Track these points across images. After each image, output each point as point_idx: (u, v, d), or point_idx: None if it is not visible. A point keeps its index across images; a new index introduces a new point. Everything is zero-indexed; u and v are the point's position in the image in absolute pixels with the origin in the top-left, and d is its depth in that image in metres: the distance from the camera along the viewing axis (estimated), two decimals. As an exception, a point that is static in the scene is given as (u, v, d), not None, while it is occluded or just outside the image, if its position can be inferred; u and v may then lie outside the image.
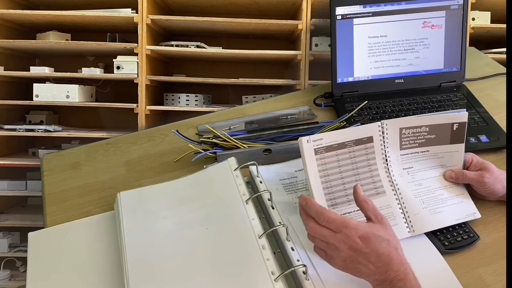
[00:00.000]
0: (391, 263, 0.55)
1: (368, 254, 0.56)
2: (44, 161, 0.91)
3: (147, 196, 0.74)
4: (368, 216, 0.59)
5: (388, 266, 0.55)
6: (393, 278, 0.55)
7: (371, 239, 0.56)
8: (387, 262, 0.55)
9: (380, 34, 1.02)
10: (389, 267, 0.55)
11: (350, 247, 0.56)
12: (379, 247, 0.56)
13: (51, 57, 1.63)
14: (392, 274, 0.55)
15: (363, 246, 0.56)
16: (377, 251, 0.56)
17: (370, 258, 0.56)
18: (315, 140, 0.67)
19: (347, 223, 0.57)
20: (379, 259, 0.55)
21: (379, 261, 0.55)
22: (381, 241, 0.56)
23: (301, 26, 1.32)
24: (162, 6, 1.48)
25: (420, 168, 0.74)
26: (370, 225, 0.58)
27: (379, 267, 0.55)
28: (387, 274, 0.55)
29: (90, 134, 1.34)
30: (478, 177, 0.72)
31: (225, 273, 0.59)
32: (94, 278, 0.67)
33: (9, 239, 1.39)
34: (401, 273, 0.55)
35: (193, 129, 0.99)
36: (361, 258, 0.56)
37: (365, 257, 0.56)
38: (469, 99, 1.00)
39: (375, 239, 0.56)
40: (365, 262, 0.56)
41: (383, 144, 0.71)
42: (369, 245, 0.56)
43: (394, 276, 0.55)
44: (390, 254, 0.56)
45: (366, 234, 0.56)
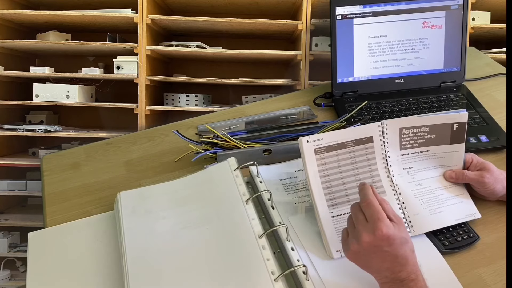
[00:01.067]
0: (407, 264, 0.55)
1: (387, 254, 0.56)
2: (44, 161, 0.91)
3: (147, 196, 0.74)
4: (389, 217, 0.58)
5: (402, 266, 0.55)
6: (405, 278, 0.55)
7: (396, 240, 0.55)
8: (403, 263, 0.56)
9: (380, 34, 1.02)
10: (403, 267, 0.55)
11: (373, 240, 0.56)
12: (399, 249, 0.55)
13: (51, 57, 1.63)
14: (405, 275, 0.55)
15: (385, 245, 0.55)
16: (397, 253, 0.55)
17: (388, 257, 0.56)
18: (315, 140, 0.67)
19: (382, 216, 0.56)
20: (396, 260, 0.55)
21: (395, 261, 0.56)
22: (403, 243, 0.56)
23: (301, 26, 1.32)
24: (162, 6, 1.48)
25: (420, 168, 0.74)
26: (396, 226, 0.57)
27: (393, 266, 0.56)
28: (400, 274, 0.55)
29: (90, 134, 1.34)
30: (478, 177, 0.72)
31: (225, 273, 0.59)
32: (94, 278, 0.67)
33: (9, 239, 1.39)
34: (413, 274, 0.55)
35: (193, 129, 0.99)
36: (378, 255, 0.56)
37: (382, 255, 0.56)
38: (469, 99, 1.00)
39: (398, 241, 0.56)
40: (380, 259, 0.56)
41: (383, 144, 0.71)
42: (392, 245, 0.55)
43: (407, 276, 0.55)
44: (407, 256, 0.56)
45: (393, 235, 0.55)
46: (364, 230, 0.56)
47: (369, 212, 0.57)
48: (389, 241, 0.55)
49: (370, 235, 0.56)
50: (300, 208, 0.74)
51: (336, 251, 0.65)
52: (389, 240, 0.55)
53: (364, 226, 0.57)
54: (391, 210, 0.59)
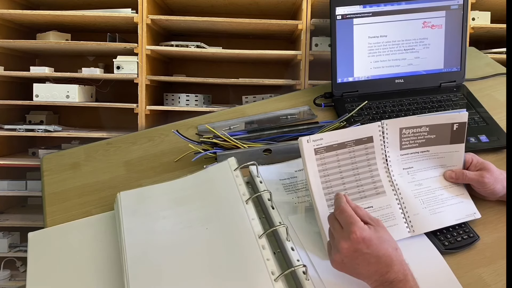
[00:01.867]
0: (392, 264, 0.55)
1: (368, 255, 0.55)
2: (44, 161, 0.91)
3: (147, 196, 0.74)
4: (365, 221, 0.59)
5: (388, 267, 0.55)
6: (394, 279, 0.55)
7: (373, 240, 0.56)
8: (388, 263, 0.55)
9: (380, 34, 1.02)
10: (389, 268, 0.55)
11: (350, 245, 0.56)
12: (380, 249, 0.56)
13: (51, 57, 1.63)
14: (393, 275, 0.55)
15: (364, 247, 0.55)
16: (378, 253, 0.55)
17: (371, 259, 0.56)
18: (315, 140, 0.67)
19: (354, 220, 0.57)
20: (380, 260, 0.55)
21: (379, 262, 0.55)
22: (382, 242, 0.56)
23: (301, 26, 1.32)
24: (162, 6, 1.48)
25: (420, 168, 0.74)
26: (371, 228, 0.57)
27: (380, 268, 0.55)
28: (388, 275, 0.55)
29: (90, 134, 1.34)
30: (478, 177, 0.72)
31: (225, 273, 0.59)
32: (94, 278, 0.67)
33: (9, 239, 1.39)
34: (401, 274, 0.55)
35: (193, 129, 0.99)
36: (361, 259, 0.56)
37: (365, 258, 0.56)
38: (469, 99, 1.00)
39: (376, 240, 0.56)
40: (364, 263, 0.56)
41: (383, 144, 0.71)
42: (371, 246, 0.55)
43: (395, 277, 0.55)
44: (390, 255, 0.56)
45: (369, 236, 0.56)
46: (341, 237, 0.57)
47: (343, 218, 0.58)
48: (366, 243, 0.55)
49: (347, 240, 0.56)
50: (300, 208, 0.74)
51: (336, 251, 0.65)
52: (366, 242, 0.55)
53: (340, 233, 0.57)
54: (366, 214, 0.60)
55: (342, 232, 0.57)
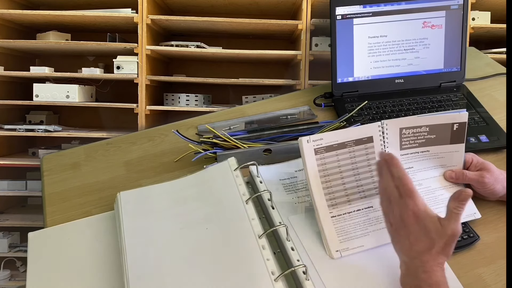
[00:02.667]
0: (424, 253, 0.55)
1: (411, 231, 0.56)
2: (44, 161, 0.91)
3: (147, 196, 0.74)
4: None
5: (419, 253, 0.55)
6: (419, 266, 0.55)
7: (423, 221, 0.55)
8: (422, 250, 0.55)
9: (380, 34, 1.02)
10: (419, 255, 0.55)
11: (401, 215, 0.57)
12: (424, 230, 0.55)
13: (51, 57, 1.63)
14: (418, 263, 0.55)
15: (412, 223, 0.56)
16: (419, 235, 0.55)
17: (411, 236, 0.56)
18: (315, 140, 0.67)
19: (414, 194, 0.57)
20: (417, 243, 0.55)
21: (416, 244, 0.56)
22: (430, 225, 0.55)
23: (301, 26, 1.32)
24: (162, 6, 1.48)
25: (420, 168, 0.74)
26: (428, 211, 0.56)
27: (412, 250, 0.56)
28: (414, 261, 0.55)
29: (90, 134, 1.34)
30: (478, 177, 0.72)
31: (225, 273, 0.59)
32: (94, 278, 0.67)
33: (9, 239, 1.39)
34: (428, 266, 0.55)
35: (193, 129, 0.99)
36: (404, 231, 0.56)
37: (407, 232, 0.56)
38: (469, 99, 1.00)
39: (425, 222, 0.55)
40: (405, 236, 0.56)
41: (383, 144, 0.71)
42: (418, 225, 0.55)
43: (420, 265, 0.55)
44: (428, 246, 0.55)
45: (419, 214, 0.56)
46: (396, 204, 0.59)
47: (402, 188, 0.58)
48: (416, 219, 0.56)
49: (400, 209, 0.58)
50: (300, 208, 0.74)
51: (336, 251, 0.65)
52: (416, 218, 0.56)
53: (397, 201, 0.59)
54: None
55: (398, 200, 0.58)
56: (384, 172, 0.62)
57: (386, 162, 0.61)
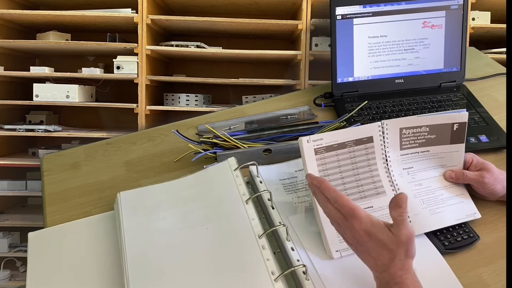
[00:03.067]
0: (389, 265, 0.54)
1: (369, 248, 0.56)
2: (44, 161, 0.91)
3: (147, 196, 0.74)
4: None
5: (384, 267, 0.55)
6: (388, 280, 0.54)
7: (375, 236, 0.55)
8: (386, 263, 0.55)
9: (380, 34, 1.02)
10: (385, 268, 0.55)
11: (353, 236, 0.57)
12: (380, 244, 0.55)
13: (51, 57, 1.63)
14: (387, 276, 0.54)
15: (366, 240, 0.56)
16: (378, 250, 0.55)
17: (371, 252, 0.56)
18: (315, 140, 0.67)
19: (356, 213, 0.56)
20: (379, 258, 0.55)
21: (379, 259, 0.55)
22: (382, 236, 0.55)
23: (301, 26, 1.32)
24: (162, 6, 1.48)
25: (420, 168, 0.74)
26: (376, 224, 0.56)
27: (377, 265, 0.55)
28: (383, 275, 0.55)
29: (90, 134, 1.34)
30: (478, 177, 0.72)
31: (225, 273, 0.59)
32: (94, 278, 0.67)
33: (9, 239, 1.39)
34: (397, 277, 0.54)
35: (193, 129, 0.99)
36: (363, 249, 0.56)
37: (366, 249, 0.56)
38: (469, 99, 1.00)
39: (377, 233, 0.55)
40: (366, 253, 0.56)
41: (383, 144, 0.71)
42: (372, 241, 0.55)
43: (389, 278, 0.54)
44: (390, 257, 0.55)
45: (369, 230, 0.56)
46: (345, 226, 0.58)
47: (344, 211, 0.58)
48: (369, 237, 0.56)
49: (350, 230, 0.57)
50: (300, 208, 0.74)
51: (336, 251, 0.65)
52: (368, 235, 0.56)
53: (344, 222, 0.58)
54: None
55: (345, 221, 0.57)
56: (318, 196, 0.61)
57: (317, 187, 0.61)
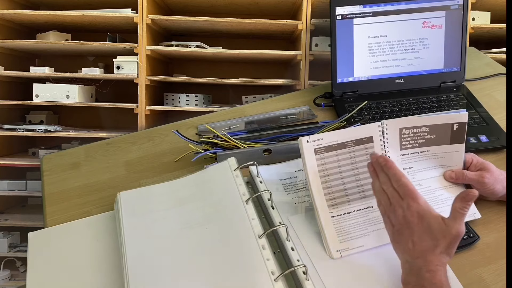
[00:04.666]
0: (428, 253, 0.55)
1: (415, 231, 0.56)
2: (44, 161, 0.91)
3: (147, 196, 0.74)
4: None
5: (422, 253, 0.55)
6: (422, 266, 0.55)
7: (427, 220, 0.56)
8: (425, 250, 0.55)
9: (380, 34, 1.02)
10: (422, 254, 0.55)
11: (404, 216, 0.57)
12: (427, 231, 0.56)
13: (51, 57, 1.63)
14: (421, 262, 0.55)
15: (416, 222, 0.56)
16: (423, 235, 0.56)
17: (414, 236, 0.56)
18: (315, 140, 0.67)
19: (416, 194, 0.58)
20: (420, 243, 0.56)
21: (419, 244, 0.56)
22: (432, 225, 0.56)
23: (301, 26, 1.32)
24: (162, 6, 1.48)
25: (420, 168, 0.74)
26: (432, 211, 0.57)
27: (415, 250, 0.56)
28: (418, 261, 0.55)
29: (90, 134, 1.34)
30: (478, 178, 0.72)
31: (225, 273, 0.59)
32: (94, 278, 0.67)
33: (9, 239, 1.39)
34: (432, 266, 0.55)
35: (193, 129, 0.99)
36: (408, 231, 0.57)
37: (410, 233, 0.57)
38: (469, 99, 1.00)
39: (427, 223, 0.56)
40: (408, 237, 0.57)
41: (383, 144, 0.71)
42: (422, 224, 0.56)
43: (424, 264, 0.55)
44: (432, 246, 0.55)
45: (423, 213, 0.56)
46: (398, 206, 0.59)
47: (403, 190, 0.59)
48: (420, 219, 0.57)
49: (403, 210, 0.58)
50: (300, 208, 0.74)
51: (336, 251, 0.65)
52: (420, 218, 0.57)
53: (398, 202, 0.59)
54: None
55: (400, 201, 0.59)
56: (380, 174, 0.62)
57: (381, 164, 0.62)
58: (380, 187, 0.62)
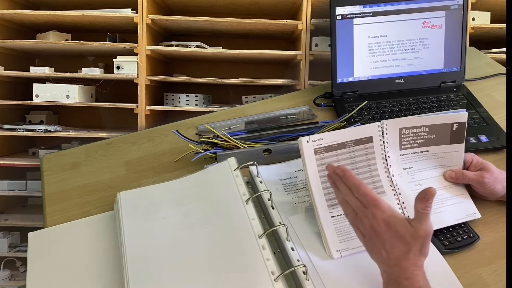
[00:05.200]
0: (402, 259, 0.54)
1: (385, 239, 0.55)
2: (44, 161, 0.91)
3: (147, 196, 0.74)
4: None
5: (397, 261, 0.54)
6: (399, 274, 0.54)
7: (394, 226, 0.55)
8: (399, 256, 0.54)
9: (380, 34, 1.02)
10: (397, 262, 0.54)
11: (371, 226, 0.57)
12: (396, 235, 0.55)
13: (51, 57, 1.63)
14: (398, 271, 0.54)
15: (384, 230, 0.56)
16: (394, 242, 0.55)
17: (386, 244, 0.55)
18: (314, 140, 0.67)
19: (378, 202, 0.57)
20: (393, 250, 0.55)
21: (392, 252, 0.55)
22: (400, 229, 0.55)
23: (301, 26, 1.32)
24: (162, 6, 1.48)
25: (420, 168, 0.74)
26: (397, 216, 0.56)
27: (390, 258, 0.55)
28: (394, 269, 0.54)
29: (90, 134, 1.34)
30: (478, 177, 0.72)
31: (225, 273, 0.59)
32: (94, 278, 0.67)
33: (9, 239, 1.39)
34: (409, 273, 0.54)
35: (193, 129, 0.99)
36: (378, 240, 0.56)
37: (381, 241, 0.56)
38: (469, 99, 1.00)
39: (395, 230, 0.55)
40: (380, 246, 0.56)
41: (382, 144, 0.71)
42: (390, 232, 0.55)
43: (401, 273, 0.54)
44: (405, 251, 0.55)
45: (388, 220, 0.56)
46: (363, 215, 0.58)
47: (365, 199, 0.58)
48: (387, 226, 0.56)
49: (369, 219, 0.58)
50: (300, 208, 0.74)
51: (336, 251, 0.65)
52: (387, 225, 0.56)
53: (363, 211, 0.58)
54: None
55: (364, 210, 0.58)
56: (340, 185, 0.62)
57: (339, 175, 0.61)
58: (343, 198, 0.61)
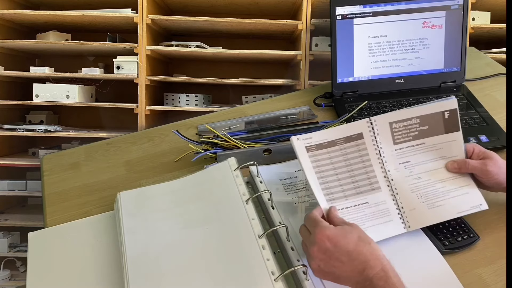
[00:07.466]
0: (366, 259, 0.53)
1: (338, 254, 0.55)
2: (44, 161, 0.91)
3: (147, 196, 0.74)
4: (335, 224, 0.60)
5: (364, 263, 0.53)
6: (373, 276, 0.53)
7: (338, 237, 0.55)
8: (361, 259, 0.54)
9: (380, 34, 1.02)
10: (365, 264, 0.53)
11: (319, 248, 0.56)
12: (348, 244, 0.55)
13: (51, 57, 1.63)
14: (371, 272, 0.53)
15: (331, 246, 0.55)
16: (347, 248, 0.54)
17: (342, 257, 0.54)
18: (305, 139, 0.68)
19: (317, 222, 0.58)
20: (351, 257, 0.54)
21: (351, 259, 0.54)
22: (346, 236, 0.56)
23: (301, 26, 1.32)
24: (162, 6, 1.48)
25: (418, 161, 0.72)
26: (337, 227, 0.58)
27: (355, 266, 0.54)
28: (366, 273, 0.53)
29: (90, 134, 1.34)
30: (481, 166, 0.69)
31: (225, 273, 0.59)
32: (94, 278, 0.67)
33: (9, 239, 1.39)
34: (380, 271, 0.53)
35: (193, 129, 0.99)
36: (333, 260, 0.55)
37: (336, 258, 0.55)
38: (469, 99, 1.00)
39: (341, 237, 0.55)
40: (338, 263, 0.55)
41: (374, 140, 0.70)
42: (337, 244, 0.55)
43: (373, 274, 0.53)
44: (361, 249, 0.54)
45: (332, 233, 0.56)
46: (309, 242, 0.58)
47: (308, 223, 0.60)
48: (331, 240, 0.55)
49: (314, 244, 0.56)
50: (300, 208, 0.74)
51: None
52: (330, 239, 0.55)
53: (309, 239, 0.58)
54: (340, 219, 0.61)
55: (309, 237, 0.58)
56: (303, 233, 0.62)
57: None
58: (303, 243, 0.61)
